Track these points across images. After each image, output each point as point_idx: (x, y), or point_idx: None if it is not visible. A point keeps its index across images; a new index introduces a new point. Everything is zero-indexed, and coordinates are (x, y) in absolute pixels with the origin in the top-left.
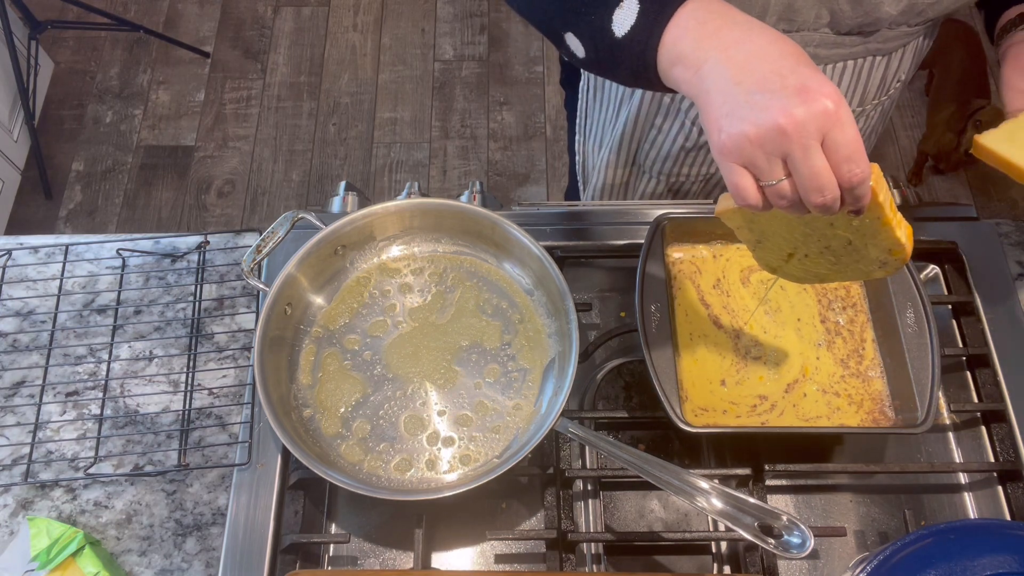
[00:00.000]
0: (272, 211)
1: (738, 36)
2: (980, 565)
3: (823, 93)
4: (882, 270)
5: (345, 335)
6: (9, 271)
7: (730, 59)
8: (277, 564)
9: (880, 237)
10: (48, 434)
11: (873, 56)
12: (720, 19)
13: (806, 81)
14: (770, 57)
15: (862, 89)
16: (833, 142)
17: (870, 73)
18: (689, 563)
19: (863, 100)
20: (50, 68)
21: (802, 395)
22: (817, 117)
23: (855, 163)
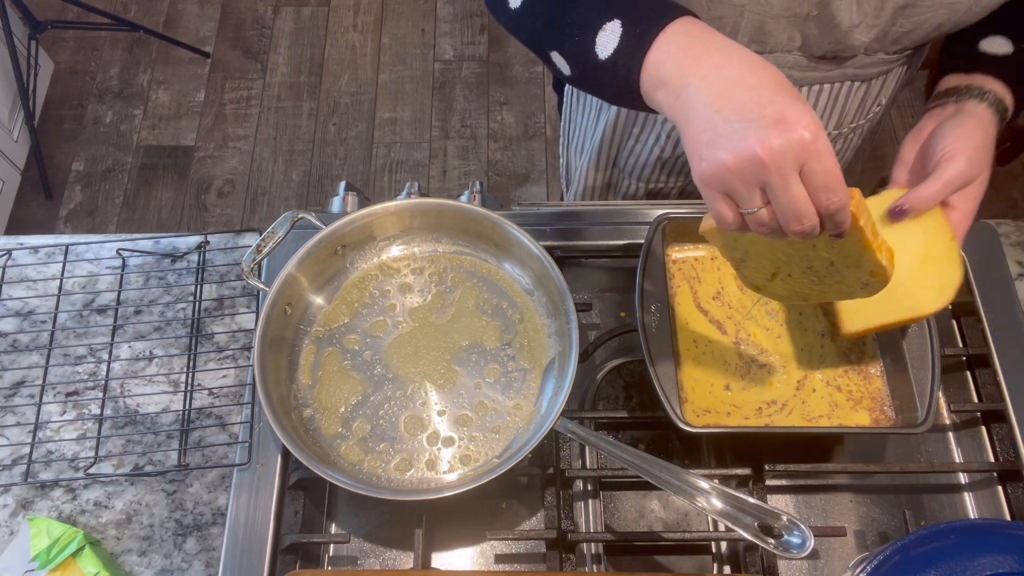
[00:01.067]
0: (272, 211)
1: (718, 61)
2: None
3: (801, 123)
4: (864, 291)
5: (345, 335)
6: (9, 271)
7: (710, 86)
8: (277, 564)
9: (862, 260)
10: (48, 434)
11: (851, 81)
12: (701, 44)
13: (784, 110)
14: (749, 84)
15: (839, 113)
16: (811, 171)
17: (848, 98)
18: (689, 563)
19: (840, 123)
20: (50, 68)
21: (811, 391)
22: (794, 147)
23: (833, 192)
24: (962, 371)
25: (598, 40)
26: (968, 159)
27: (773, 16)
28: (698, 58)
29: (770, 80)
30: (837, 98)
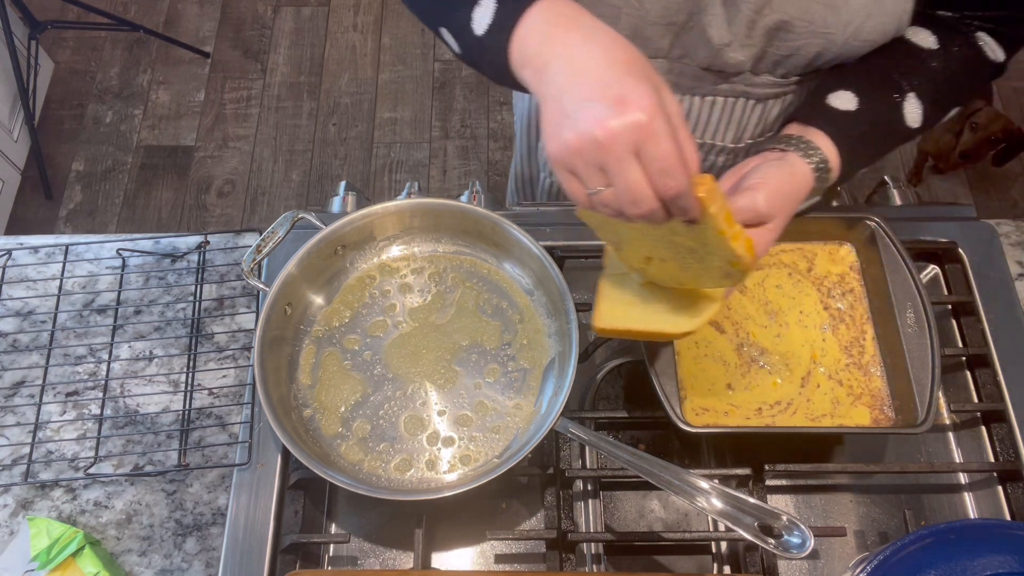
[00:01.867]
0: (272, 211)
1: (578, 40)
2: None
3: (638, 105)
4: (727, 280)
5: (345, 335)
6: (9, 271)
7: (568, 65)
8: (277, 564)
9: (719, 248)
10: (48, 434)
11: (745, 99)
12: (567, 22)
13: (625, 92)
14: (601, 65)
15: (736, 127)
16: (648, 155)
17: (743, 114)
18: (689, 563)
19: (738, 138)
20: (50, 68)
21: (816, 386)
22: (630, 129)
23: (670, 176)
24: (962, 371)
25: (474, 15)
26: (767, 197)
27: (650, 22)
28: (561, 36)
29: (621, 60)
30: (732, 113)
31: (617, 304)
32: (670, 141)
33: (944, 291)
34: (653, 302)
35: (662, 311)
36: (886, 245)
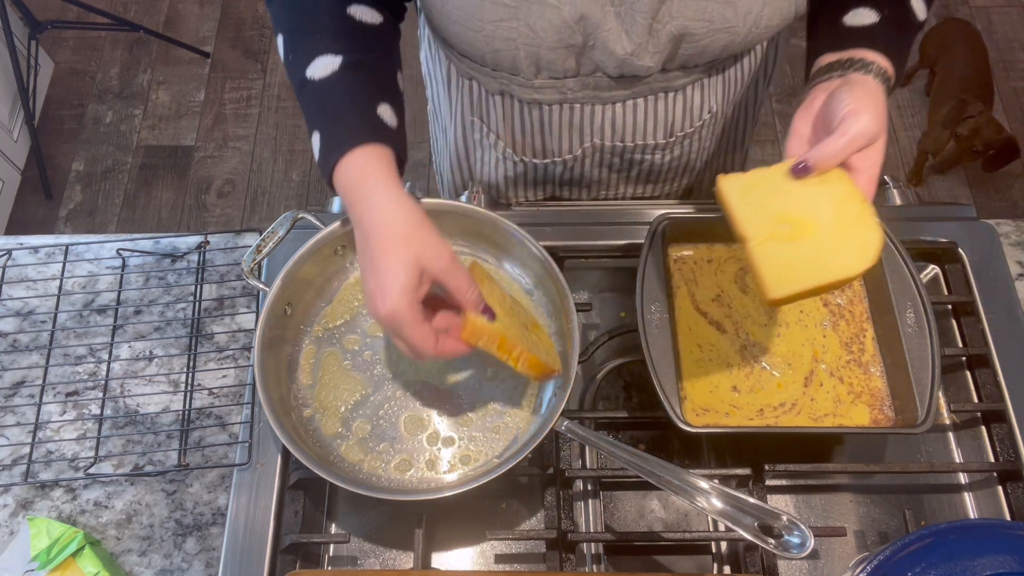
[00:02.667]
0: (272, 211)
1: (359, 216)
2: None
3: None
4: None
5: (345, 335)
6: (9, 271)
7: (359, 237)
8: (277, 564)
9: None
10: (48, 434)
11: (664, 93)
12: (355, 190)
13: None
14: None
15: (665, 123)
16: (402, 337)
17: (667, 108)
18: (689, 563)
19: (670, 132)
20: (50, 68)
21: (819, 385)
22: (383, 320)
23: (415, 356)
24: (962, 371)
25: (313, 142)
26: (872, 116)
27: (547, 48)
28: (353, 205)
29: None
30: (656, 110)
31: (779, 267)
32: (414, 329)
33: (944, 291)
34: (814, 249)
35: (828, 257)
36: (886, 245)
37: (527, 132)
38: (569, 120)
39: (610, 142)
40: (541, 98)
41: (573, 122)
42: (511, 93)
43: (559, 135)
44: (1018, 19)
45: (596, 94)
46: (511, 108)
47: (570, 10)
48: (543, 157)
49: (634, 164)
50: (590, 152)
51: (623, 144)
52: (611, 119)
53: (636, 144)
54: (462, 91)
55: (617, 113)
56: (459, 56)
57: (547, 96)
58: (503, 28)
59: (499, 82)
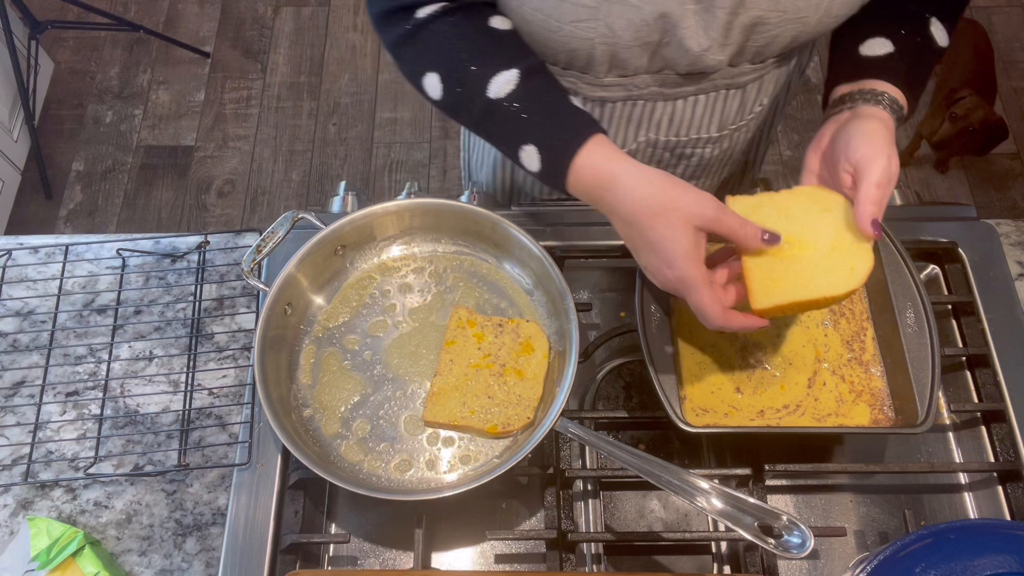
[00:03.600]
0: (272, 211)
1: (612, 207)
2: (980, 565)
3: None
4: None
5: (345, 335)
6: (9, 271)
7: (616, 222)
8: (277, 564)
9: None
10: (48, 434)
11: (726, 90)
12: (597, 181)
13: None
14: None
15: (719, 117)
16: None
17: (725, 104)
18: (689, 563)
19: (722, 126)
20: (50, 68)
21: (822, 384)
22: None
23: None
24: (962, 371)
25: (521, 158)
26: (887, 158)
27: (623, 47)
28: (599, 201)
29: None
30: (714, 106)
31: (769, 280)
32: (703, 293)
33: (944, 291)
34: (805, 267)
35: (817, 275)
36: (886, 245)
37: None
38: (629, 115)
39: (665, 136)
40: (607, 95)
41: (632, 117)
42: (577, 91)
43: (616, 130)
44: (1018, 19)
45: (661, 90)
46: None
47: (650, 9)
48: None
49: (683, 158)
50: (643, 147)
51: (677, 138)
52: (670, 114)
53: (690, 138)
54: None
55: (678, 108)
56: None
57: (613, 93)
58: (581, 28)
59: (567, 80)
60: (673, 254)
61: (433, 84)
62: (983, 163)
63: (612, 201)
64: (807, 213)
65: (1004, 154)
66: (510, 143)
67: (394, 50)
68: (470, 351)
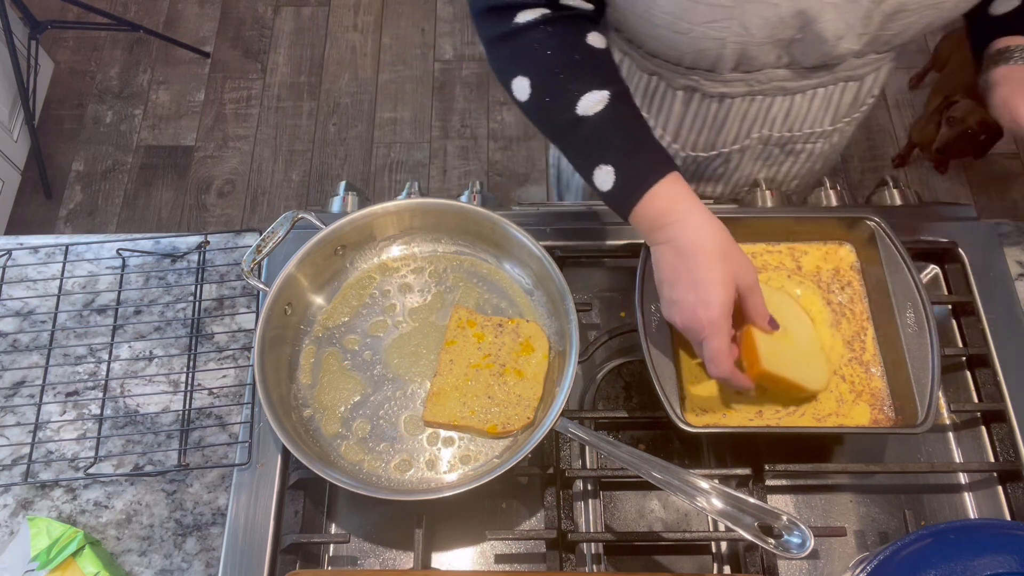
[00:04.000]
0: (272, 211)
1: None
2: (980, 565)
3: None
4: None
5: (345, 335)
6: (9, 271)
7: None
8: (277, 564)
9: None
10: (48, 434)
11: (845, 82)
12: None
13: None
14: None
15: (833, 111)
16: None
17: (841, 96)
18: (689, 563)
19: (835, 119)
20: (50, 68)
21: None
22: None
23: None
24: (962, 371)
25: (595, 176)
26: None
27: (756, 44)
28: (664, 228)
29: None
30: (831, 99)
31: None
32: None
33: (944, 291)
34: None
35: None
36: (886, 245)
37: (704, 125)
38: (746, 111)
39: (779, 132)
40: (728, 91)
41: (749, 113)
42: (697, 87)
43: (731, 127)
44: None
45: (783, 84)
46: (692, 103)
47: (788, 5)
48: (709, 150)
49: (792, 153)
50: (755, 143)
51: (791, 133)
52: (787, 108)
53: (803, 132)
54: (632, 87)
55: (795, 102)
56: (645, 54)
57: (735, 89)
58: (714, 28)
59: (688, 79)
60: (714, 299)
61: (522, 87)
62: (983, 163)
63: (675, 232)
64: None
65: (1004, 154)
66: (588, 159)
67: (489, 47)
68: (470, 351)
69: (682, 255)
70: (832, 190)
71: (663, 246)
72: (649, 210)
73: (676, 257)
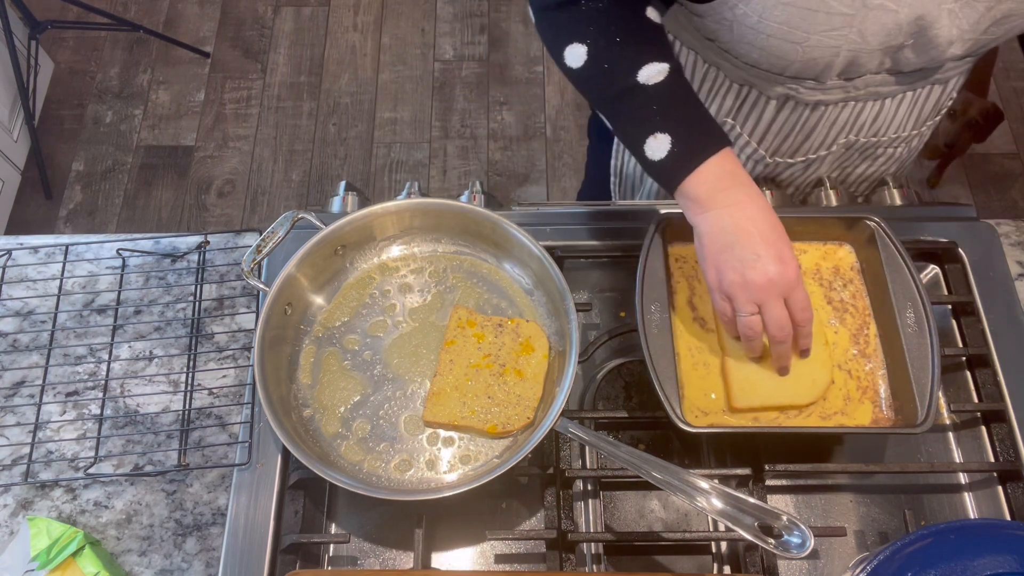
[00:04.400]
0: (272, 211)
1: (740, 199)
2: (980, 565)
3: (792, 265)
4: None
5: (345, 335)
6: (9, 271)
7: (732, 217)
8: (277, 564)
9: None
10: (48, 434)
11: (932, 84)
12: (731, 178)
13: (782, 253)
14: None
15: (917, 114)
16: (793, 299)
17: (926, 100)
18: (689, 563)
19: (917, 124)
20: (50, 68)
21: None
22: (786, 280)
23: (806, 312)
24: (962, 371)
25: (647, 144)
26: None
27: (868, 51)
28: (726, 191)
29: (772, 224)
30: (918, 101)
31: (746, 383)
32: (805, 291)
33: (944, 291)
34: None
35: (786, 385)
36: (886, 245)
37: (793, 132)
38: (836, 118)
39: (865, 137)
40: (825, 98)
41: (839, 120)
42: (792, 95)
43: (821, 132)
44: None
45: (878, 90)
46: (784, 110)
47: (907, 12)
48: (795, 155)
49: (871, 158)
50: (842, 148)
51: (876, 139)
52: (875, 113)
53: (888, 137)
54: (719, 95)
55: (884, 106)
56: (742, 64)
57: (832, 96)
58: (831, 37)
59: (786, 88)
60: (788, 253)
61: (578, 54)
62: (983, 163)
63: (740, 196)
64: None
65: (1004, 154)
66: (641, 126)
67: (544, 13)
68: (470, 351)
69: (748, 218)
70: (832, 190)
71: (723, 210)
72: (707, 177)
73: (743, 219)
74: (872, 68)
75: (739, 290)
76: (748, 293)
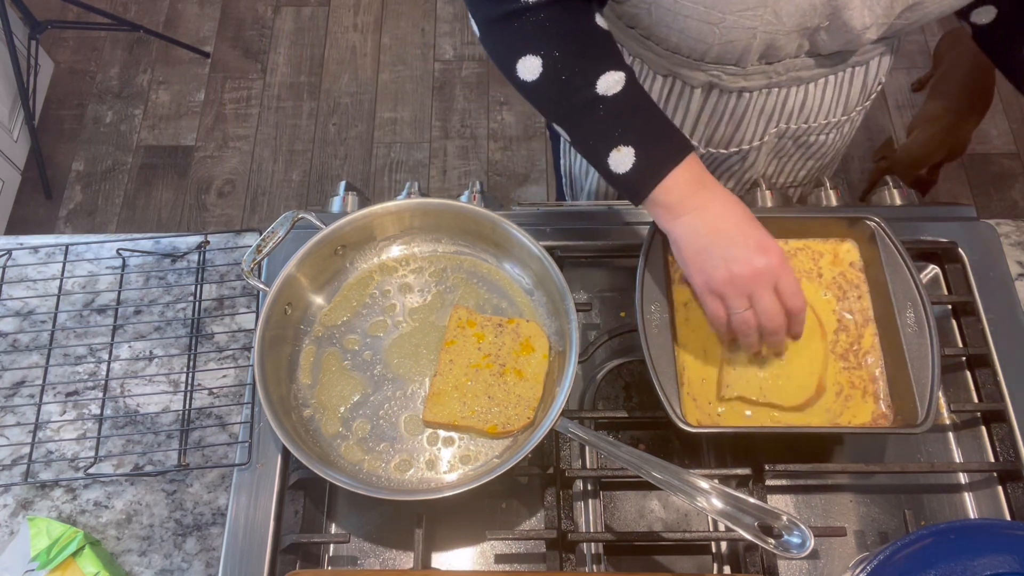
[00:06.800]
0: (272, 211)
1: (708, 199)
2: (980, 565)
3: (774, 251)
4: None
5: (345, 335)
6: (9, 271)
7: (704, 218)
8: (277, 564)
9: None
10: (48, 434)
11: (853, 68)
12: (698, 183)
13: (762, 242)
14: (732, 220)
15: (844, 99)
16: (782, 284)
17: (851, 84)
18: (689, 563)
19: (847, 109)
20: (50, 68)
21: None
22: (772, 267)
23: (797, 297)
24: (962, 371)
25: (611, 157)
26: None
27: (784, 33)
28: (694, 195)
29: (746, 216)
30: (842, 86)
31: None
32: (794, 276)
33: (944, 291)
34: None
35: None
36: (886, 245)
37: (722, 122)
38: (763, 106)
39: (795, 124)
40: (748, 85)
41: (766, 107)
42: (716, 83)
43: (748, 123)
44: None
45: (799, 74)
46: (710, 99)
47: None
48: (728, 146)
49: (805, 146)
50: (774, 138)
51: (807, 125)
52: (802, 100)
53: (818, 123)
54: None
55: (809, 92)
56: (664, 52)
57: (754, 83)
58: (746, 17)
59: (708, 75)
60: (769, 242)
61: (531, 67)
62: (983, 163)
63: (707, 199)
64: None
65: (1004, 154)
66: (604, 140)
67: (490, 26)
68: (470, 351)
69: (721, 216)
70: (832, 190)
71: (694, 214)
72: (675, 185)
73: (716, 218)
74: (791, 51)
75: (729, 286)
76: (738, 287)
